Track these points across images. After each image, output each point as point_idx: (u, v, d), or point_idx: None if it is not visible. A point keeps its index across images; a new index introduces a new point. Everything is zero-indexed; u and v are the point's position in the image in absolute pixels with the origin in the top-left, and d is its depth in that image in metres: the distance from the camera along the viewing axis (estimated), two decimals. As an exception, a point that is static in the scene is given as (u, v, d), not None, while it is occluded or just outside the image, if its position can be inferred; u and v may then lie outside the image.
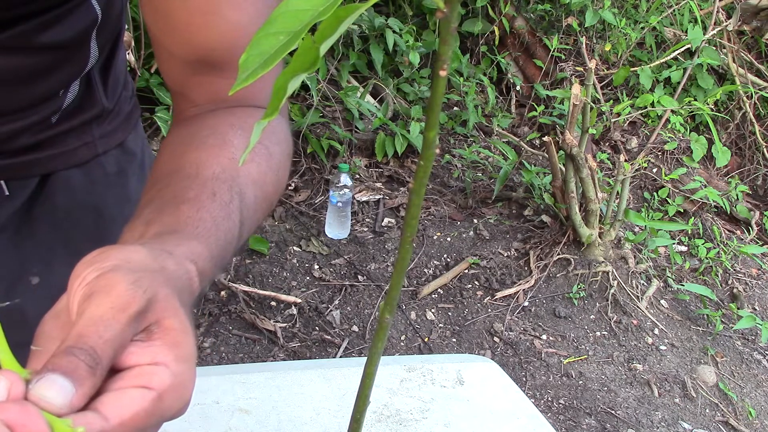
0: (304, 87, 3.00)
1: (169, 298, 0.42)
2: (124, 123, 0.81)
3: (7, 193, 0.73)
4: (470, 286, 2.67)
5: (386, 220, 2.94)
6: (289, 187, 2.97)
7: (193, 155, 0.60)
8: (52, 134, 0.72)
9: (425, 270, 2.72)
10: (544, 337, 2.52)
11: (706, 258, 2.94)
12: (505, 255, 2.80)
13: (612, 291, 2.66)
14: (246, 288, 2.45)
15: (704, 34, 3.25)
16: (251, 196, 0.60)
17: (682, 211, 3.20)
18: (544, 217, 2.92)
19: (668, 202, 3.21)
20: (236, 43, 0.64)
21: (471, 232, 2.91)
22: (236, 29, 0.64)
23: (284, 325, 2.38)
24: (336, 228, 2.79)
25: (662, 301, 2.76)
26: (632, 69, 3.41)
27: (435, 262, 2.76)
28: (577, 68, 3.61)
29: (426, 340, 2.44)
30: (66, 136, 0.74)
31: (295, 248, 2.70)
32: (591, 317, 2.61)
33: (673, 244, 2.90)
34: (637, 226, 2.99)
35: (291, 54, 0.31)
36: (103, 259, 0.42)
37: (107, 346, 0.37)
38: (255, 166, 0.62)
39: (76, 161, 0.76)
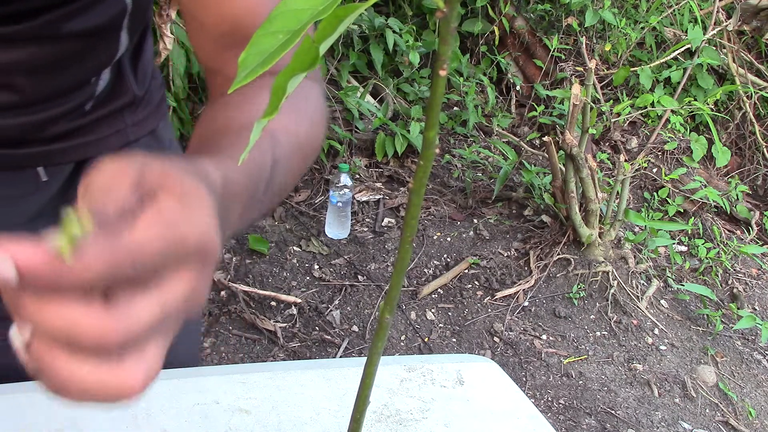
0: (304, 87, 2.99)
1: (164, 165, 0.38)
2: (155, 111, 0.83)
3: (44, 179, 0.75)
4: (470, 286, 2.67)
5: (386, 220, 2.94)
6: (289, 187, 2.97)
7: (225, 114, 0.62)
8: (86, 122, 0.75)
9: (425, 270, 2.72)
10: (544, 337, 2.52)
11: (706, 258, 2.94)
12: (505, 255, 2.80)
13: (612, 291, 2.66)
14: (246, 288, 2.45)
15: (704, 34, 3.25)
16: (283, 139, 0.60)
17: (682, 211, 3.20)
18: (544, 217, 2.92)
19: (668, 202, 3.21)
20: (263, 12, 0.65)
21: (471, 232, 2.91)
22: (261, 3, 0.67)
23: (284, 325, 2.38)
24: (336, 228, 2.79)
25: (662, 301, 2.76)
26: (632, 69, 3.41)
27: (435, 262, 2.76)
28: (577, 68, 3.61)
29: (426, 340, 2.44)
30: (99, 124, 0.76)
31: (295, 248, 2.70)
32: (591, 317, 2.61)
33: (673, 244, 2.90)
34: (637, 226, 2.99)
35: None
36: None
37: (109, 209, 0.35)
38: (285, 116, 0.60)
39: (108, 148, 0.78)
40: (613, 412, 2.28)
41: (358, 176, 3.05)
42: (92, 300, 0.33)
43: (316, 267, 2.64)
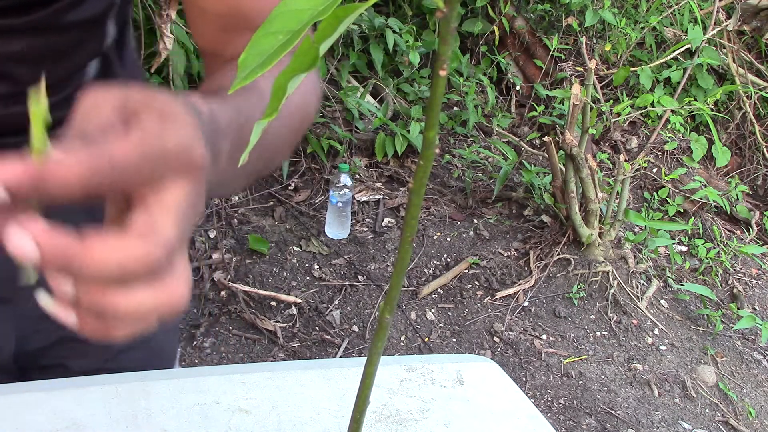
0: (304, 87, 2.99)
1: (149, 92, 0.40)
2: None
3: None
4: (470, 286, 2.67)
5: (386, 220, 2.94)
6: (289, 187, 2.97)
7: (219, 81, 0.62)
8: None
9: (425, 270, 2.72)
10: (544, 337, 2.52)
11: (706, 258, 2.94)
12: (505, 255, 2.80)
13: (612, 291, 2.66)
14: (246, 288, 2.45)
15: (704, 34, 3.25)
16: (285, 118, 0.60)
17: (682, 211, 3.20)
18: (544, 217, 2.92)
19: (668, 202, 3.21)
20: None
21: (471, 232, 2.91)
22: None
23: (284, 325, 2.38)
24: (336, 228, 2.79)
25: (662, 301, 2.76)
26: (632, 69, 3.41)
27: (435, 262, 2.76)
28: (577, 68, 3.61)
29: (426, 340, 2.44)
30: None
31: (295, 248, 2.70)
32: (591, 317, 2.61)
33: (673, 244, 2.90)
34: (637, 226, 2.99)
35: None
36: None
37: (91, 126, 0.37)
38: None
39: None
40: (613, 412, 2.28)
41: (358, 176, 3.05)
42: (124, 234, 0.35)
43: (316, 267, 2.64)
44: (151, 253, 0.35)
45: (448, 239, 2.87)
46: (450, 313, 2.56)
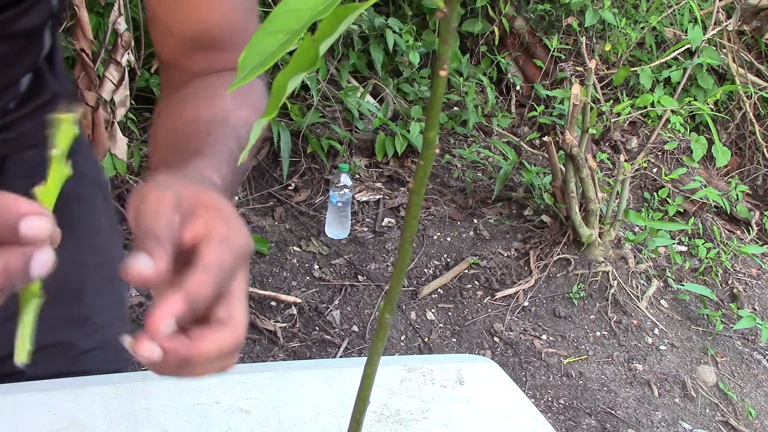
0: (304, 87, 2.99)
1: (192, 187, 0.51)
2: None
3: None
4: (470, 286, 2.67)
5: (386, 220, 2.94)
6: (289, 187, 2.97)
7: (189, 110, 0.69)
8: (11, 119, 0.78)
9: (425, 270, 2.72)
10: (544, 337, 2.52)
11: (706, 258, 2.94)
12: (505, 255, 2.80)
13: (612, 291, 2.66)
14: (246, 288, 2.45)
15: (704, 34, 3.25)
16: (244, 133, 0.68)
17: (682, 211, 3.20)
18: (544, 217, 2.92)
19: (668, 202, 3.21)
20: (232, 22, 0.73)
21: (471, 232, 2.91)
22: (233, 10, 0.73)
23: (284, 325, 2.38)
24: (336, 228, 2.79)
25: (662, 301, 2.76)
26: (632, 69, 3.41)
27: (435, 262, 2.76)
28: (577, 68, 3.61)
29: (426, 340, 2.44)
30: (22, 121, 0.79)
31: (295, 248, 2.70)
32: (591, 317, 2.61)
33: (673, 244, 2.90)
34: (637, 226, 2.99)
35: (290, 53, 0.31)
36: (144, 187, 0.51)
37: (163, 230, 0.46)
38: (242, 111, 0.69)
39: (31, 143, 0.81)
40: (613, 412, 2.28)
41: (358, 176, 3.05)
42: (217, 329, 0.47)
43: (316, 267, 2.64)
44: (238, 338, 0.48)
45: (448, 239, 2.87)
46: (450, 313, 2.56)
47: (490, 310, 2.59)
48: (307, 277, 2.59)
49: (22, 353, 0.47)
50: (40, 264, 0.42)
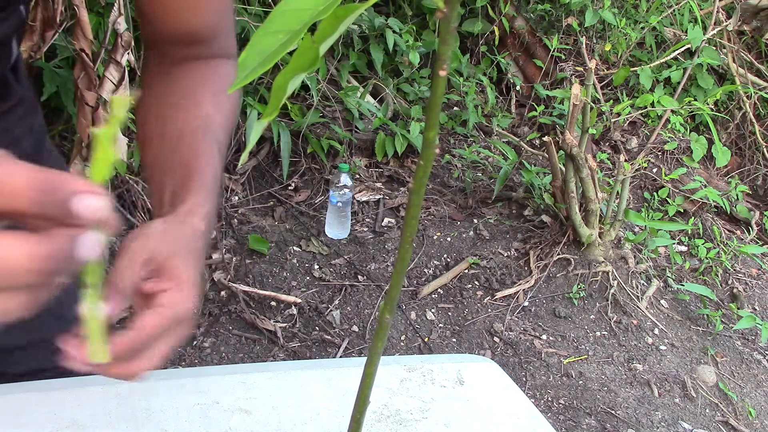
0: (304, 87, 2.99)
1: (169, 247, 0.61)
2: (33, 107, 0.89)
3: None
4: (470, 286, 2.67)
5: (386, 220, 2.94)
6: (289, 187, 2.97)
7: (172, 117, 0.74)
8: None
9: (425, 270, 2.72)
10: (544, 337, 2.52)
11: (706, 258, 2.94)
12: (505, 255, 2.80)
13: (612, 291, 2.66)
14: (246, 288, 2.45)
15: (704, 34, 3.25)
16: (223, 137, 0.76)
17: (682, 211, 3.20)
18: (544, 217, 2.92)
19: (668, 202, 3.20)
20: (218, 23, 0.79)
21: (471, 232, 2.91)
22: (218, 13, 0.78)
23: (284, 325, 2.38)
24: (336, 228, 2.79)
25: (662, 301, 2.76)
26: (632, 69, 3.41)
27: (435, 262, 2.76)
28: (577, 68, 3.61)
29: (426, 340, 2.44)
30: None
31: (295, 248, 2.70)
32: (591, 317, 2.61)
33: (673, 244, 2.90)
34: (637, 226, 2.99)
35: (290, 54, 0.31)
36: (134, 235, 0.61)
37: (127, 282, 0.56)
38: (221, 116, 0.76)
39: None
40: (613, 412, 2.28)
41: (358, 176, 3.05)
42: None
43: (316, 267, 2.64)
44: (179, 303, 0.60)
45: (448, 239, 2.87)
46: (450, 313, 2.56)
47: (490, 310, 2.59)
48: (307, 277, 2.59)
49: (96, 352, 0.48)
50: (87, 246, 0.39)
